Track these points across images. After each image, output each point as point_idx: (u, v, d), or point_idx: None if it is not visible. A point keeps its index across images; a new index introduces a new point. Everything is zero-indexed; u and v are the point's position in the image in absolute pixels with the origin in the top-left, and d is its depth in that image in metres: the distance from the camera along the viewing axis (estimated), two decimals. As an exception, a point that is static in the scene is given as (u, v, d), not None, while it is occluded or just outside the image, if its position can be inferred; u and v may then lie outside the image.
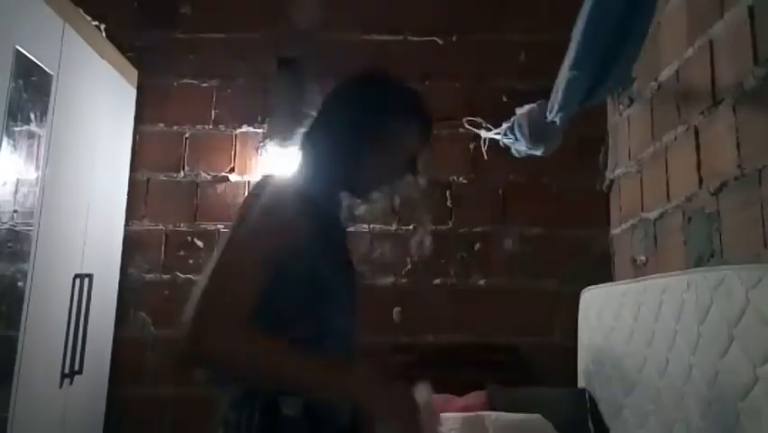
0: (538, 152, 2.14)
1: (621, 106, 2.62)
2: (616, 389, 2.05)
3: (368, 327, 2.61)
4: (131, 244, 2.75)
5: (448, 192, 2.82)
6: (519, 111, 2.17)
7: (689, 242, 1.98)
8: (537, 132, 2.06)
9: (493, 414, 2.13)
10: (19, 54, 1.88)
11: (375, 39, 2.94)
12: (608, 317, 2.19)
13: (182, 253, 2.78)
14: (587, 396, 2.26)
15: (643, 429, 1.86)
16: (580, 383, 2.38)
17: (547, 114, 1.90)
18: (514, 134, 2.19)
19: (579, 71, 1.68)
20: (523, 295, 2.70)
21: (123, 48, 2.71)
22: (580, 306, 2.46)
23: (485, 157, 2.48)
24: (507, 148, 2.33)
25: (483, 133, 2.43)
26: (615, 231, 2.71)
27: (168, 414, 2.62)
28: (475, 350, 2.62)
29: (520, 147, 2.19)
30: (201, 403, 2.67)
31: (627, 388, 1.97)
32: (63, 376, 2.14)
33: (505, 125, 2.26)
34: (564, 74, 1.73)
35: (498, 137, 2.36)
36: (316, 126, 1.17)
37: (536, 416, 2.10)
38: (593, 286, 2.42)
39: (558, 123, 1.87)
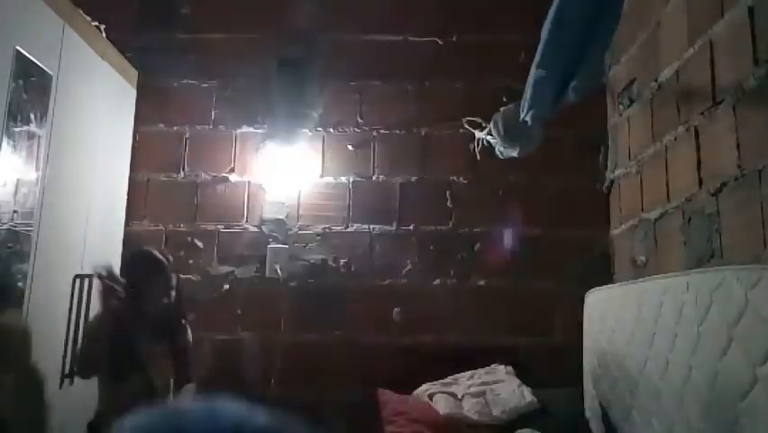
0: (514, 153, 2.12)
1: (621, 107, 2.61)
2: (623, 391, 2.04)
3: (368, 327, 2.64)
4: (131, 244, 2.75)
5: (448, 192, 2.82)
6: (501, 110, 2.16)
7: (689, 242, 1.98)
8: (511, 131, 2.05)
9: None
10: (19, 54, 1.88)
11: (375, 39, 2.94)
12: (611, 320, 2.18)
13: (182, 253, 2.78)
14: (583, 395, 2.26)
15: (646, 431, 1.86)
16: (587, 386, 2.36)
17: (520, 113, 1.89)
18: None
19: (546, 70, 1.67)
20: (523, 295, 2.70)
21: (123, 48, 2.71)
22: (585, 308, 2.45)
23: (478, 157, 2.48)
24: (493, 148, 2.30)
25: (477, 134, 2.41)
26: (615, 231, 2.70)
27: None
28: (475, 351, 2.62)
29: (499, 147, 2.17)
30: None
31: (632, 389, 1.97)
32: (63, 377, 2.14)
33: (489, 125, 2.25)
34: (532, 73, 1.73)
35: (487, 137, 2.34)
36: None
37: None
38: (597, 288, 2.41)
39: (529, 122, 1.86)
